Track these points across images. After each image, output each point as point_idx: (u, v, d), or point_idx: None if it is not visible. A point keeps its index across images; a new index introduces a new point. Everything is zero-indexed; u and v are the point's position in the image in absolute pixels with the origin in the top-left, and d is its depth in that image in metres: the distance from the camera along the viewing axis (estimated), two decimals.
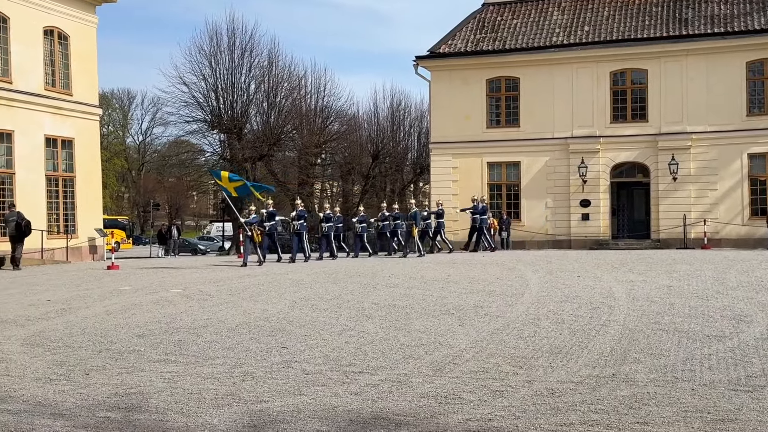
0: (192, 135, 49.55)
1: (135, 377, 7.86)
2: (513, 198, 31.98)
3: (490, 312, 11.80)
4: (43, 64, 26.54)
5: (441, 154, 32.55)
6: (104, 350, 9.27)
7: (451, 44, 32.89)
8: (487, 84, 32.23)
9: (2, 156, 25.01)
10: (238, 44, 44.48)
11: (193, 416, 6.44)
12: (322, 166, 51.94)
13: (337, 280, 16.39)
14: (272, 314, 11.86)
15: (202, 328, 10.66)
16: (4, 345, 9.64)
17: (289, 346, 9.35)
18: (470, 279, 16.19)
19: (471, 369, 8.03)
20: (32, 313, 12.20)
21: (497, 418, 6.25)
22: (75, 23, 27.84)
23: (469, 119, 31.86)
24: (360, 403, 6.79)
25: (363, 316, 11.56)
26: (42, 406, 6.81)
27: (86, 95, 28.42)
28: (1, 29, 24.99)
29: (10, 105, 25.07)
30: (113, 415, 6.50)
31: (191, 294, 14.45)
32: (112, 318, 11.72)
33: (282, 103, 46.37)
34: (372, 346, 9.33)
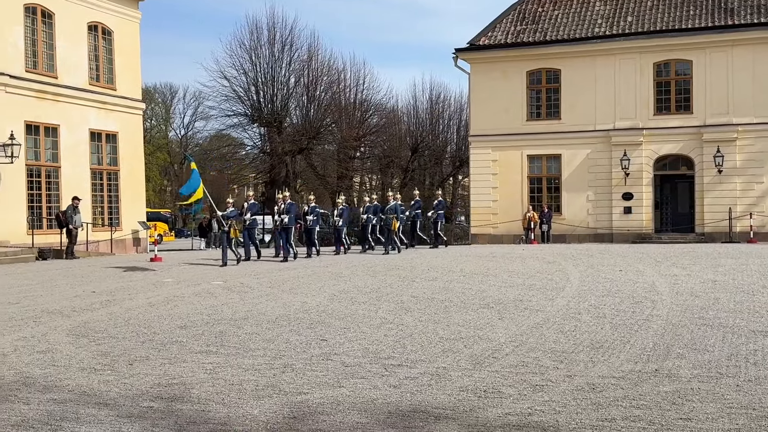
0: (233, 129, 50.05)
1: (177, 368, 7.96)
2: (553, 191, 31.66)
3: (530, 306, 11.72)
4: (88, 59, 26.99)
5: (480, 147, 32.36)
6: (147, 341, 9.41)
7: (491, 36, 32.64)
8: (528, 76, 31.92)
9: (48, 150, 25.52)
10: (278, 38, 44.79)
11: (233, 407, 6.51)
12: (361, 159, 52.04)
13: (376, 273, 16.41)
14: (312, 307, 11.93)
15: (243, 320, 10.76)
16: (51, 335, 9.84)
17: (328, 339, 9.39)
18: (510, 272, 16.10)
19: (510, 363, 7.98)
20: (78, 305, 12.44)
21: (537, 413, 6.20)
22: (118, 18, 28.25)
23: (507, 112, 31.60)
24: (399, 395, 6.79)
25: (402, 309, 11.56)
26: (87, 395, 6.94)
27: (129, 90, 28.83)
28: (47, 25, 25.47)
29: (56, 100, 25.55)
30: (156, 405, 6.59)
31: (232, 286, 14.60)
32: (155, 309, 11.90)
33: (321, 96, 46.57)
34: (411, 339, 9.33)
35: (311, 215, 22.25)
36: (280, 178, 44.45)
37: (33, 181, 24.91)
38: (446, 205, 27.22)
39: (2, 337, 9.76)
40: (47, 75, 25.34)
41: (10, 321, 10.89)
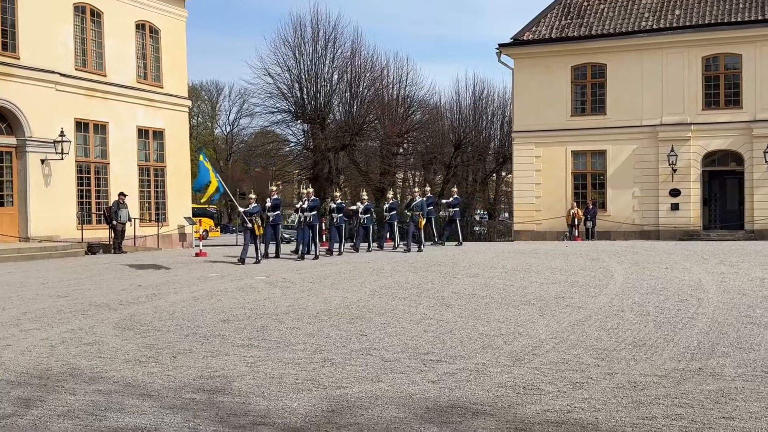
0: (277, 125, 50.43)
1: (219, 361, 8.08)
2: (598, 187, 31.30)
3: (572, 303, 11.61)
4: (135, 57, 27.47)
5: (524, 143, 32.13)
6: (191, 334, 9.56)
7: (535, 31, 32.37)
8: (572, 71, 31.58)
9: (98, 146, 26.05)
10: (321, 35, 44.98)
11: (274, 400, 6.58)
12: (404, 155, 52.01)
13: (417, 269, 16.41)
14: (352, 302, 11.99)
15: (285, 315, 10.86)
16: (98, 328, 10.06)
17: (368, 334, 9.43)
18: (552, 269, 15.97)
19: (551, 360, 7.93)
20: (124, 298, 12.68)
21: (576, 410, 6.16)
22: (165, 17, 28.68)
23: (551, 107, 31.31)
24: (437, 391, 6.80)
25: (442, 305, 11.56)
26: (131, 386, 7.08)
27: (176, 87, 29.27)
28: (96, 24, 25.98)
29: (105, 97, 26.05)
30: (198, 397, 6.70)
31: (274, 281, 14.74)
32: (199, 303, 12.08)
33: (364, 93, 46.65)
34: (451, 335, 9.33)
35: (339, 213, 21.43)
36: (323, 174, 44.71)
37: (82, 177, 25.45)
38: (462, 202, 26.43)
39: (51, 329, 10.00)
40: (96, 73, 25.85)
41: (59, 313, 11.15)
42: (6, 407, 6.39)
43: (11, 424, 5.94)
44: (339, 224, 21.38)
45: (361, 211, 22.28)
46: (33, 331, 9.86)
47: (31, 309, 11.58)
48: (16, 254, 20.49)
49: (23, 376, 7.47)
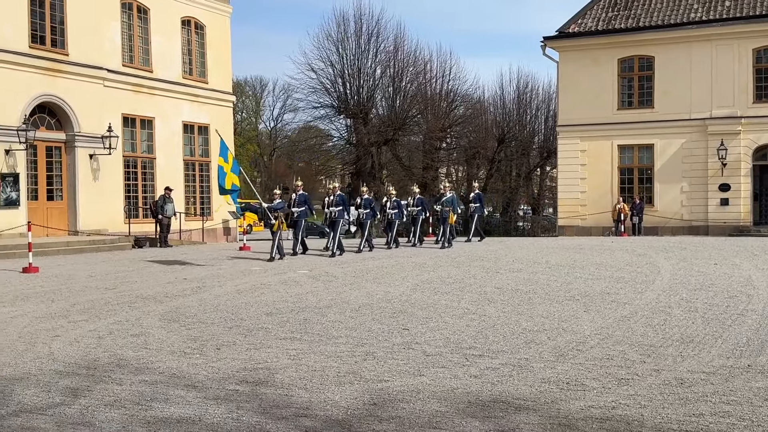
0: (320, 120, 50.70)
1: (262, 353, 8.14)
2: (645, 182, 30.80)
3: (617, 299, 11.45)
4: (181, 53, 27.83)
5: (569, 137, 31.75)
6: (234, 327, 9.65)
7: (581, 23, 31.94)
8: (619, 64, 31.10)
9: (144, 141, 26.46)
10: (364, 30, 45.06)
11: (316, 392, 6.60)
12: (447, 150, 51.84)
13: (460, 264, 16.35)
14: (395, 296, 11.98)
15: (327, 308, 10.91)
16: (144, 320, 10.22)
17: (410, 328, 9.42)
18: (598, 265, 15.76)
19: (595, 356, 7.82)
20: (170, 291, 12.86)
21: (621, 407, 6.06)
22: (210, 13, 28.99)
23: (597, 101, 30.88)
24: (479, 386, 6.75)
25: (485, 300, 11.49)
26: (176, 377, 7.17)
27: (220, 83, 29.59)
28: (142, 20, 26.37)
29: (152, 93, 26.44)
30: (241, 389, 6.76)
31: (317, 275, 14.81)
32: (243, 296, 12.19)
33: (407, 87, 46.61)
34: (493, 329, 9.26)
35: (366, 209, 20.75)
36: (365, 169, 44.81)
37: (129, 172, 25.89)
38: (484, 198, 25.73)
39: (99, 320, 10.19)
40: (143, 69, 26.24)
41: (107, 305, 11.36)
42: (55, 396, 6.53)
43: (59, 413, 6.06)
44: (364, 220, 20.71)
45: (389, 207, 21.68)
46: (81, 322, 10.06)
47: (79, 301, 11.82)
48: (65, 247, 20.94)
49: (71, 366, 7.62)
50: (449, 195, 22.20)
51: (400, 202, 22.09)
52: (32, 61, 22.39)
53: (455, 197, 22.45)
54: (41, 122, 23.16)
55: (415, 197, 23.02)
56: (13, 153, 21.87)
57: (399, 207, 21.77)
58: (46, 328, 9.67)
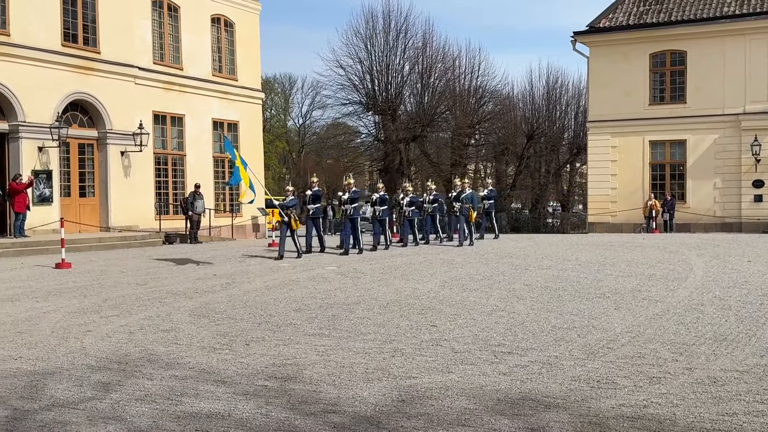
0: (348, 117, 50.74)
1: (291, 349, 8.16)
2: (677, 178, 30.42)
3: (649, 296, 11.32)
4: (211, 51, 28.01)
5: (599, 133, 31.44)
6: (263, 323, 9.70)
7: (612, 18, 31.61)
8: (651, 58, 30.73)
9: (175, 139, 26.70)
10: (393, 26, 45.00)
11: (344, 388, 6.61)
12: (475, 146, 51.60)
13: (489, 260, 16.27)
14: (423, 293, 11.96)
15: (355, 305, 10.91)
16: (174, 315, 10.30)
17: (438, 325, 9.39)
18: (628, 262, 15.60)
19: (626, 354, 7.73)
20: (199, 287, 12.96)
21: (653, 405, 5.98)
22: (240, 11, 29.14)
23: (628, 96, 30.54)
24: (508, 383, 6.71)
25: (514, 297, 11.42)
26: (206, 372, 7.22)
27: (250, 80, 29.74)
28: (173, 18, 26.58)
29: (182, 91, 26.65)
30: (270, 384, 6.78)
31: (345, 272, 14.83)
32: (272, 293, 12.24)
33: (436, 83, 46.46)
34: (522, 327, 9.20)
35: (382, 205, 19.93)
36: (394, 165, 44.77)
37: (160, 169, 26.13)
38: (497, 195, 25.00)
39: (130, 316, 10.29)
40: (173, 67, 26.46)
41: (138, 301, 11.47)
42: (86, 391, 6.60)
43: (91, 407, 6.13)
44: (382, 217, 19.86)
45: (406, 204, 20.93)
46: (113, 317, 10.17)
47: (111, 296, 11.95)
48: (97, 243, 21.19)
49: (103, 361, 7.70)
50: (468, 192, 21.42)
51: (417, 199, 21.46)
52: (65, 60, 22.67)
53: (475, 194, 21.77)
54: (74, 120, 23.46)
55: (431, 193, 22.27)
56: (47, 150, 22.18)
57: (415, 204, 21.09)
58: (78, 323, 9.79)
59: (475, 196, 21.62)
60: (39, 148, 22.01)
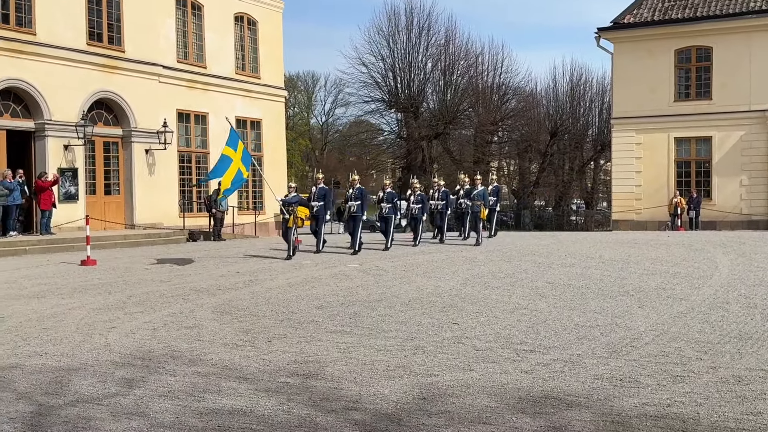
0: (370, 114, 50.79)
1: (313, 346, 8.19)
2: (703, 175, 30.11)
3: (673, 294, 11.21)
4: (234, 49, 28.15)
5: (624, 130, 31.18)
6: (285, 320, 9.73)
7: (636, 14, 31.33)
8: (676, 55, 30.42)
9: (198, 136, 26.86)
10: (415, 23, 44.97)
11: (365, 386, 6.62)
12: (498, 144, 51.42)
13: (511, 258, 16.20)
14: (445, 291, 11.94)
15: (377, 302, 10.92)
16: (197, 312, 10.37)
17: (460, 323, 9.37)
18: (652, 260, 15.47)
19: (650, 352, 7.67)
20: (222, 284, 13.03)
21: (677, 404, 5.93)
22: (263, 9, 29.25)
23: (653, 93, 30.26)
24: (530, 381, 6.68)
25: (536, 295, 11.36)
26: (228, 369, 7.26)
27: (273, 78, 29.84)
28: (196, 17, 26.74)
29: (205, 89, 26.81)
30: (292, 381, 6.81)
31: (367, 269, 14.83)
32: (294, 290, 12.28)
33: (458, 81, 46.37)
34: (545, 325, 9.15)
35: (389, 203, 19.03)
36: (416, 163, 44.73)
37: (184, 167, 26.30)
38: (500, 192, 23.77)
39: (153, 312, 10.37)
40: (197, 65, 26.62)
41: (161, 298, 11.56)
42: (110, 386, 6.67)
43: (115, 402, 6.19)
44: (387, 215, 18.93)
45: (413, 202, 19.91)
46: (137, 314, 10.26)
47: (135, 293, 12.05)
48: (122, 240, 21.39)
49: (127, 357, 7.77)
50: (480, 188, 20.38)
51: (425, 197, 20.42)
52: (90, 58, 22.89)
53: (486, 190, 20.68)
54: (99, 118, 23.67)
55: (440, 190, 21.01)
56: (72, 148, 22.41)
57: (423, 201, 20.04)
58: (102, 319, 9.88)
59: (486, 192, 20.66)
60: (65, 146, 22.24)
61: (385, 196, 19.05)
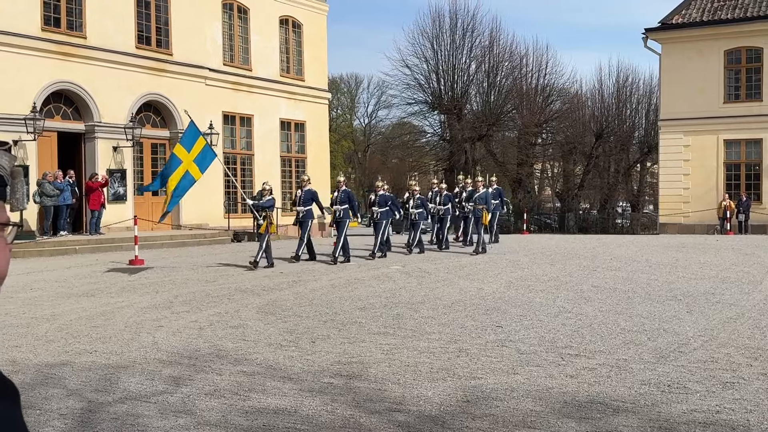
0: (413, 116, 50.75)
1: (356, 347, 8.21)
2: (753, 178, 29.47)
3: (722, 299, 11.00)
4: (279, 51, 28.39)
5: (671, 132, 30.69)
6: (329, 320, 9.78)
7: (685, 14, 30.82)
8: (725, 55, 29.84)
9: (243, 138, 27.14)
10: (459, 25, 44.82)
11: (409, 387, 6.61)
12: (542, 145, 50.97)
13: (555, 261, 16.05)
14: (488, 293, 11.88)
15: (420, 304, 10.91)
16: (242, 312, 10.48)
17: (503, 326, 9.31)
18: (701, 264, 15.19)
19: (698, 358, 7.53)
20: (267, 284, 13.15)
21: (726, 411, 5.81)
22: (307, 12, 29.45)
23: (702, 94, 29.72)
24: (576, 386, 6.61)
25: (581, 299, 11.24)
26: (273, 369, 7.32)
27: (316, 80, 30.02)
28: (242, 20, 27.03)
29: (251, 91, 27.09)
30: (336, 382, 6.83)
31: (410, 271, 14.83)
32: (337, 291, 12.33)
33: (502, 82, 46.08)
34: (590, 329, 9.05)
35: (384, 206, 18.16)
36: (459, 165, 44.57)
37: (229, 168, 26.56)
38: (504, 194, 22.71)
39: (199, 312, 10.51)
40: (242, 68, 26.91)
41: (207, 298, 11.71)
42: (158, 384, 6.77)
43: (162, 400, 6.28)
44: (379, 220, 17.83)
45: (412, 206, 18.85)
46: (183, 313, 10.40)
47: (181, 293, 12.23)
48: (169, 240, 21.72)
49: (174, 356, 7.88)
50: (482, 191, 19.15)
51: (425, 200, 19.29)
52: (138, 62, 23.29)
53: (489, 193, 19.49)
54: (147, 120, 24.07)
55: (442, 194, 19.94)
56: (121, 150, 22.83)
57: (424, 206, 19.01)
58: (150, 318, 10.04)
59: (489, 195, 19.46)
60: (114, 148, 22.66)
61: (378, 200, 17.82)
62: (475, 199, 18.97)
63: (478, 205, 18.74)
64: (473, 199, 19.03)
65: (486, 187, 20.34)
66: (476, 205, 18.78)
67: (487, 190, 19.57)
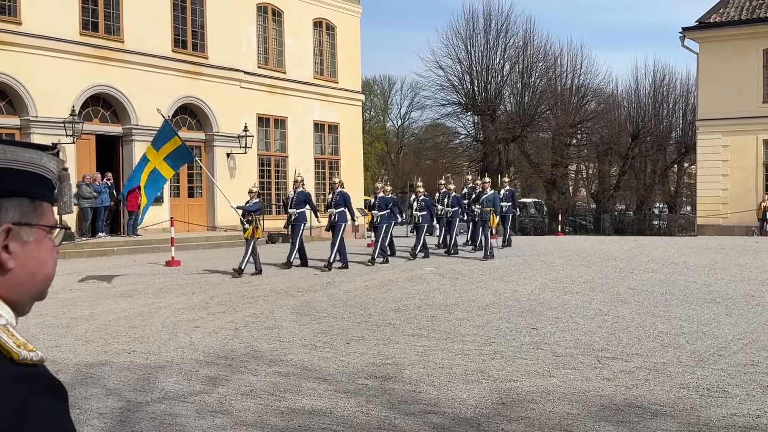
0: (447, 118, 50.61)
1: (390, 349, 8.22)
2: None
3: (762, 302, 10.81)
4: (313, 54, 28.53)
5: (709, 132, 30.22)
6: (363, 322, 9.80)
7: (723, 13, 30.34)
8: (764, 54, 29.31)
9: (277, 140, 27.32)
10: (493, 26, 44.60)
11: (443, 389, 6.60)
12: (577, 146, 50.51)
13: (591, 263, 15.91)
14: (523, 295, 11.81)
15: (454, 306, 10.88)
16: (277, 313, 10.54)
17: (539, 328, 9.25)
18: (740, 266, 14.94)
19: (738, 361, 7.41)
20: (301, 286, 13.22)
21: (767, 415, 5.71)
22: (341, 14, 29.55)
23: (741, 94, 29.23)
24: (613, 389, 6.55)
25: (618, 301, 11.12)
26: (308, 370, 7.36)
27: (350, 82, 30.11)
28: (276, 23, 27.21)
29: (285, 93, 27.25)
30: (370, 383, 6.85)
31: (444, 272, 14.80)
32: (371, 292, 12.35)
33: (536, 83, 45.76)
34: (627, 332, 8.95)
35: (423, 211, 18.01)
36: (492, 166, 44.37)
37: (263, 170, 26.78)
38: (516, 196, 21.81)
39: (235, 313, 10.60)
40: (277, 70, 27.09)
41: (242, 299, 11.80)
42: (195, 384, 6.84)
43: (199, 400, 6.35)
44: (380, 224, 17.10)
45: (416, 208, 18.29)
46: (219, 314, 10.50)
47: (217, 294, 12.34)
48: (204, 242, 21.94)
49: (210, 356, 7.96)
50: (490, 192, 18.08)
51: (430, 202, 18.69)
52: (175, 65, 23.56)
53: (496, 195, 18.40)
54: (183, 123, 24.33)
55: (450, 196, 19.28)
56: None
57: (428, 208, 18.41)
58: (187, 319, 10.15)
59: (497, 197, 18.45)
60: None
61: (377, 203, 17.19)
62: (482, 201, 18.02)
63: (485, 207, 17.78)
64: (480, 201, 18.11)
65: (498, 188, 19.77)
66: (483, 207, 17.87)
67: (495, 192, 18.64)
